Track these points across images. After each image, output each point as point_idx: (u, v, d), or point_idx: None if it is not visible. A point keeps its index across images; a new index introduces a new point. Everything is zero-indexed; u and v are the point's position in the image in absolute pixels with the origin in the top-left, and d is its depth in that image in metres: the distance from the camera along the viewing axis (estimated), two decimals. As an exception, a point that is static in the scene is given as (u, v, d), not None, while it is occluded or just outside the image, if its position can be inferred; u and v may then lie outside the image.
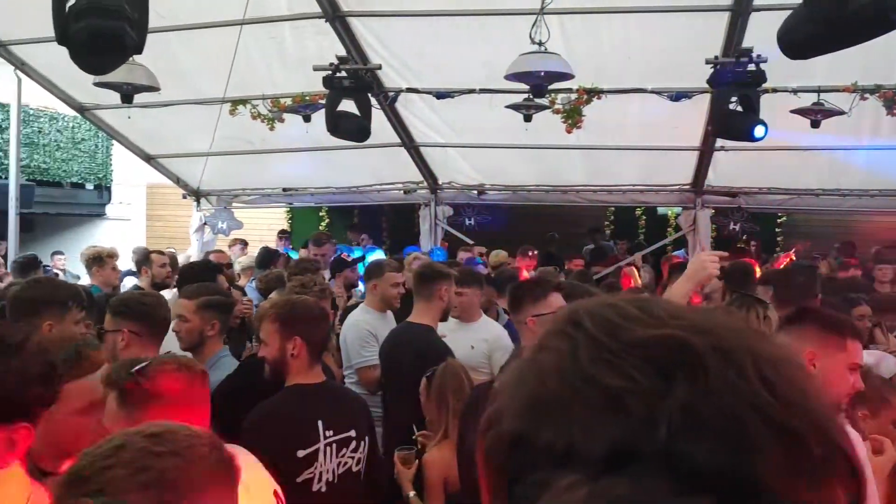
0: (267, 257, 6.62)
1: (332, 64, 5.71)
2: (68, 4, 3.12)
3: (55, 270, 9.58)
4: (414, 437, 3.21)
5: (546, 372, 0.55)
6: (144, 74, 5.08)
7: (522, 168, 8.29)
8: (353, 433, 2.69)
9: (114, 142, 11.61)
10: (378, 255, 7.96)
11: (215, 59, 6.08)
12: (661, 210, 12.32)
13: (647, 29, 5.75)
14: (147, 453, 1.11)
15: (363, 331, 4.27)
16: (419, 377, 3.33)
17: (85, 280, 6.02)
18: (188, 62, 6.40)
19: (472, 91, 6.44)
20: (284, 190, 9.32)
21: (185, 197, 9.54)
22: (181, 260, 6.28)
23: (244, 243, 9.37)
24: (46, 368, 1.51)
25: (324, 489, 2.57)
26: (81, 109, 7.71)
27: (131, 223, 14.50)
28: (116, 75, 4.83)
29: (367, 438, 2.77)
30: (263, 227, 12.90)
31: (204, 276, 4.42)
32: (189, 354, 2.92)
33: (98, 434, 1.50)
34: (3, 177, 12.07)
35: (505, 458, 0.55)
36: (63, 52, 5.51)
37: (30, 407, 1.46)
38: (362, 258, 7.24)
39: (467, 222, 9.04)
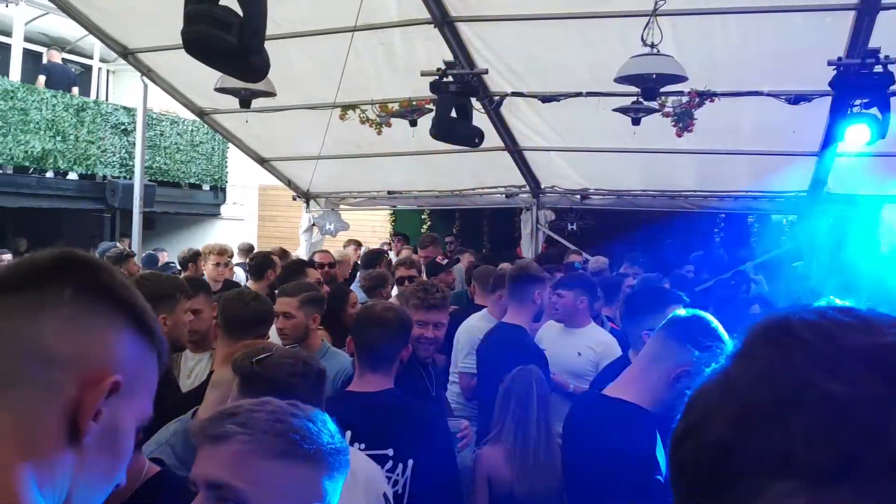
0: (372, 258, 6.77)
1: (439, 69, 5.77)
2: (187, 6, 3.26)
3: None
4: (485, 441, 3.26)
5: (758, 379, 0.54)
6: (263, 80, 5.28)
7: (628, 172, 8.13)
8: (389, 451, 2.47)
9: (229, 145, 12.18)
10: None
11: (327, 65, 6.26)
12: (774, 218, 11.82)
13: (765, 29, 5.53)
14: (286, 412, 1.25)
15: (475, 338, 4.23)
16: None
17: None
18: (302, 68, 6.61)
19: (578, 94, 6.36)
20: (389, 193, 9.50)
21: (295, 198, 9.88)
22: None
23: (358, 244, 9.52)
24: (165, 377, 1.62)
25: None
26: (201, 114, 8.10)
27: (244, 223, 15.12)
28: (236, 81, 5.06)
29: (411, 462, 2.48)
30: (367, 228, 13.22)
31: (297, 274, 4.59)
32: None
33: None
34: (129, 177, 12.84)
35: (708, 469, 0.54)
36: (185, 59, 5.83)
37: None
38: (457, 261, 7.32)
39: (569, 227, 8.94)
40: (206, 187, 15.29)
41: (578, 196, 8.74)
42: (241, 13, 3.15)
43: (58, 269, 0.84)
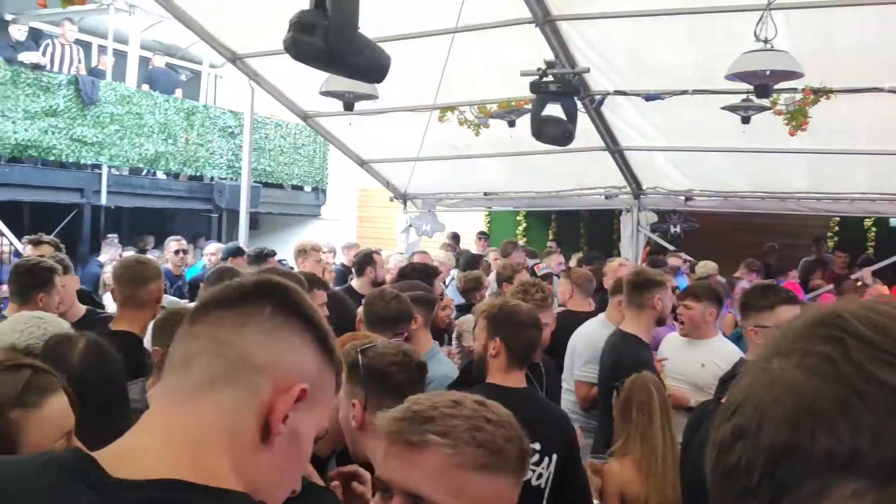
0: (471, 260, 6.77)
1: (539, 69, 5.70)
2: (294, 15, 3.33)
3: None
4: (608, 452, 3.14)
5: (817, 377, 0.52)
6: (366, 84, 5.36)
7: (736, 173, 7.81)
8: (537, 445, 2.57)
9: (330, 147, 12.46)
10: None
11: (428, 67, 6.29)
12: (893, 222, 11.12)
13: (886, 22, 5.19)
14: (481, 416, 1.19)
15: (596, 346, 4.09)
16: None
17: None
18: (402, 70, 6.66)
19: (684, 92, 6.16)
20: (486, 194, 9.49)
21: (392, 199, 10.02)
22: (393, 262, 6.51)
23: (453, 246, 9.48)
24: None
25: None
26: (305, 117, 8.31)
27: (343, 223, 15.46)
28: (340, 84, 5.15)
29: (555, 456, 2.63)
30: (462, 230, 13.23)
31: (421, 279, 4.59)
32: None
33: None
34: (235, 178, 13.35)
35: (766, 472, 0.52)
36: (289, 63, 5.98)
37: None
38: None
39: (672, 230, 8.68)
40: (307, 188, 15.72)
41: (682, 197, 8.47)
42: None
43: (260, 290, 0.99)
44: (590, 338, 4.24)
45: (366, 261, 5.76)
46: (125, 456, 0.86)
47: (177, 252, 7.21)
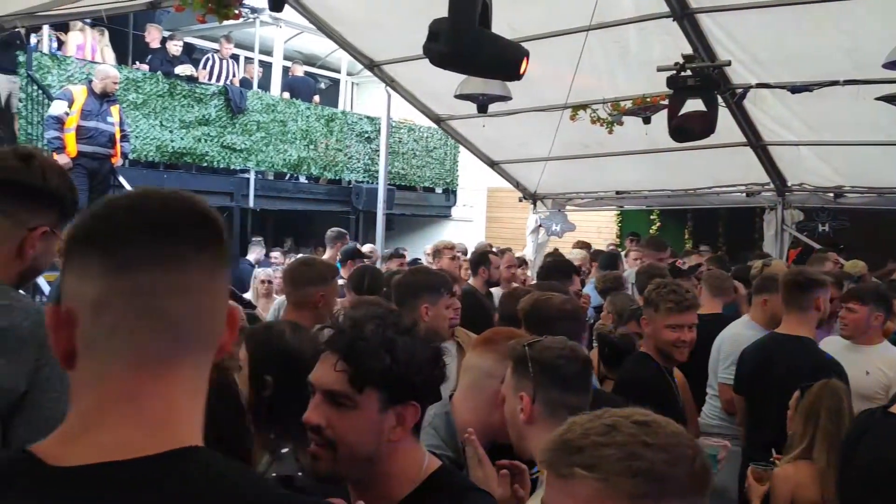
0: (610, 260, 6.69)
1: (676, 63, 5.56)
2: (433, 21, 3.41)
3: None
4: (771, 459, 3.00)
5: None
6: (499, 85, 5.44)
7: (892, 167, 7.28)
8: None
9: (460, 149, 12.64)
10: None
11: (560, 67, 6.28)
12: None
13: None
14: (638, 442, 1.10)
15: (741, 347, 3.95)
16: (788, 394, 3.08)
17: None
18: (534, 70, 6.67)
19: (834, 83, 5.82)
20: (618, 193, 9.34)
21: (521, 200, 10.04)
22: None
23: (588, 246, 9.31)
24: (435, 353, 1.63)
25: None
26: (438, 120, 8.49)
27: (473, 224, 15.64)
28: (474, 87, 5.25)
29: None
30: (593, 229, 13.06)
31: (558, 275, 4.61)
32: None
33: None
34: (371, 182, 13.81)
35: None
36: (424, 69, 6.13)
37: (419, 388, 1.57)
38: (695, 268, 6.98)
39: (820, 228, 8.21)
40: (438, 190, 16.03)
41: (832, 194, 7.99)
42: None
43: None
44: (735, 338, 4.10)
45: (480, 260, 5.79)
46: None
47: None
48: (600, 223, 13.76)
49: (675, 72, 5.51)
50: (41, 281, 6.46)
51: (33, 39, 9.77)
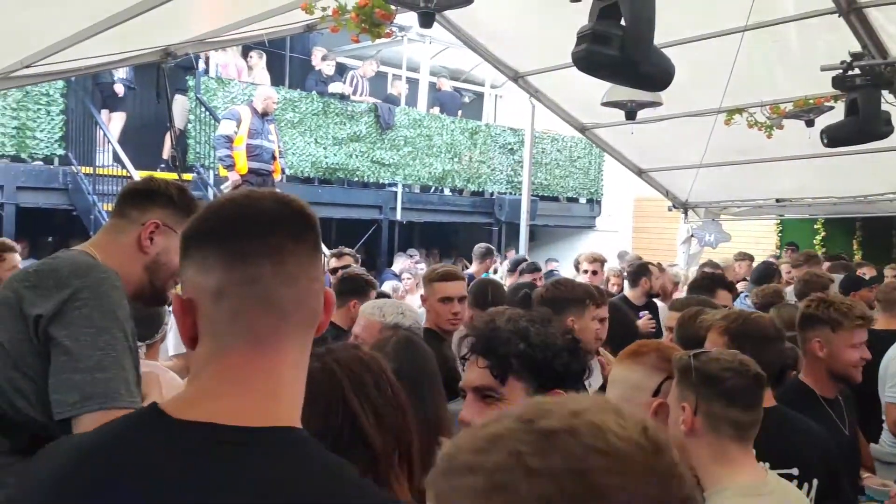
0: (765, 272, 6.32)
1: (843, 62, 5.18)
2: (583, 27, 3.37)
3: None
4: None
5: None
6: (649, 91, 5.28)
7: None
8: (794, 471, 2.30)
9: (605, 158, 12.41)
10: None
11: (713, 70, 6.02)
12: None
13: None
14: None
15: None
16: None
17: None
18: (684, 75, 6.45)
19: None
20: (778, 201, 8.82)
21: (671, 209, 9.70)
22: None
23: (750, 258, 8.70)
24: (573, 341, 1.73)
25: None
26: (583, 129, 8.38)
27: (618, 235, 15.30)
28: (623, 94, 5.14)
29: (815, 481, 2.33)
30: (750, 239, 12.41)
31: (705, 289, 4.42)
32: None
33: None
34: (514, 193, 13.84)
35: None
36: (569, 78, 6.06)
37: (561, 374, 1.66)
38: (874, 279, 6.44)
39: None
40: (582, 200, 15.83)
41: None
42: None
43: None
44: None
45: (641, 271, 5.77)
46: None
47: None
48: (758, 233, 13.05)
49: (841, 70, 5.14)
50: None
51: (201, 65, 10.59)
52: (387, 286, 6.84)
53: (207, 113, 10.11)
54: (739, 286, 7.13)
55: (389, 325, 2.69)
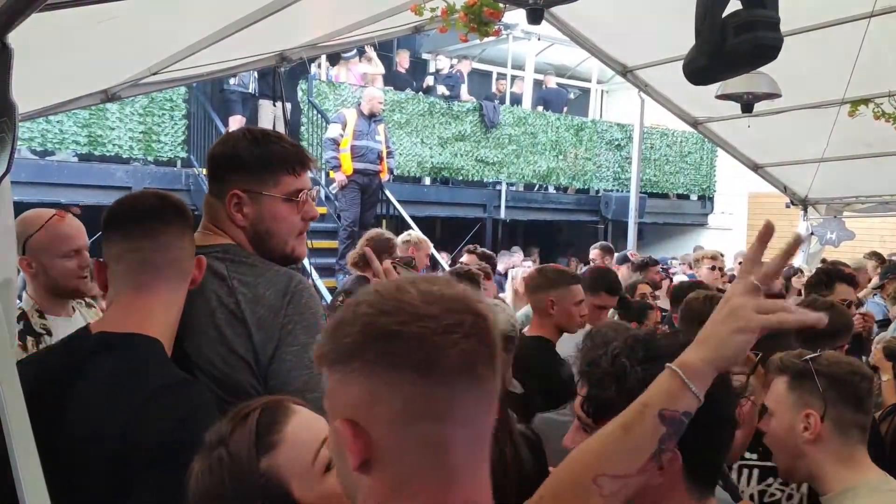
0: (893, 269, 5.95)
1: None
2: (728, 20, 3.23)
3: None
4: None
5: None
6: (766, 82, 5.08)
7: None
8: None
9: (718, 153, 11.98)
10: None
11: (836, 59, 5.72)
12: None
13: None
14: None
15: None
16: None
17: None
18: (805, 65, 6.17)
19: None
20: (906, 196, 8.28)
21: (789, 205, 9.26)
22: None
23: (879, 257, 8.18)
24: None
25: None
26: (695, 124, 8.12)
27: (732, 232, 14.75)
28: (738, 85, 4.96)
29: None
30: (875, 238, 11.70)
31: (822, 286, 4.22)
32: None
33: None
34: (621, 190, 13.58)
35: None
36: (679, 72, 5.88)
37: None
38: None
39: None
40: (693, 197, 15.35)
41: None
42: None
43: None
44: None
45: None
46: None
47: None
48: (884, 231, 12.28)
49: (981, 55, 4.78)
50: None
51: (313, 69, 10.94)
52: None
53: (319, 115, 10.44)
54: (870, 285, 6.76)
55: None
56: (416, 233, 6.13)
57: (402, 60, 12.19)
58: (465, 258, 5.84)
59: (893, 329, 4.50)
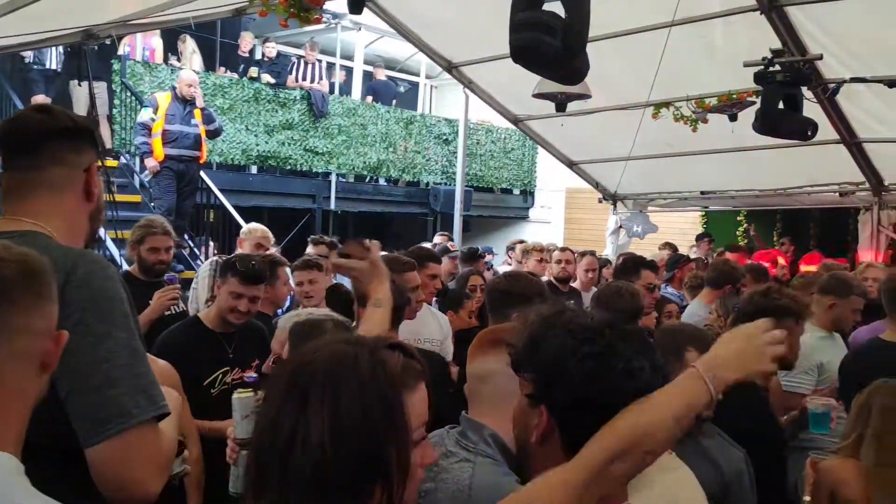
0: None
1: (764, 58, 5.35)
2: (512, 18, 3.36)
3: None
4: (835, 449, 2.88)
5: None
6: (578, 84, 5.36)
7: None
8: None
9: (538, 150, 12.54)
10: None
11: (641, 64, 6.15)
12: None
13: None
14: None
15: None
16: None
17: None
18: (615, 68, 6.58)
19: (937, 76, 5.49)
20: (702, 193, 9.08)
21: (601, 201, 9.88)
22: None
23: (673, 248, 8.97)
24: None
25: None
26: (515, 121, 8.45)
27: (551, 226, 15.51)
28: (553, 86, 5.19)
29: None
30: (676, 231, 12.73)
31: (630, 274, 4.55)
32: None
33: None
34: (448, 184, 13.86)
35: None
36: (503, 69, 6.08)
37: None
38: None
39: (921, 229, 7.77)
40: (515, 192, 15.97)
41: (935, 193, 7.56)
42: (564, 17, 3.21)
43: None
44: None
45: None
46: None
47: None
48: (684, 225, 13.40)
49: (762, 67, 5.31)
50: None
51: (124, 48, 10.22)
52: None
53: (133, 98, 9.78)
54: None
55: None
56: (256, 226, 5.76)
57: (245, 44, 11.65)
58: (311, 248, 5.73)
59: (687, 315, 4.90)
